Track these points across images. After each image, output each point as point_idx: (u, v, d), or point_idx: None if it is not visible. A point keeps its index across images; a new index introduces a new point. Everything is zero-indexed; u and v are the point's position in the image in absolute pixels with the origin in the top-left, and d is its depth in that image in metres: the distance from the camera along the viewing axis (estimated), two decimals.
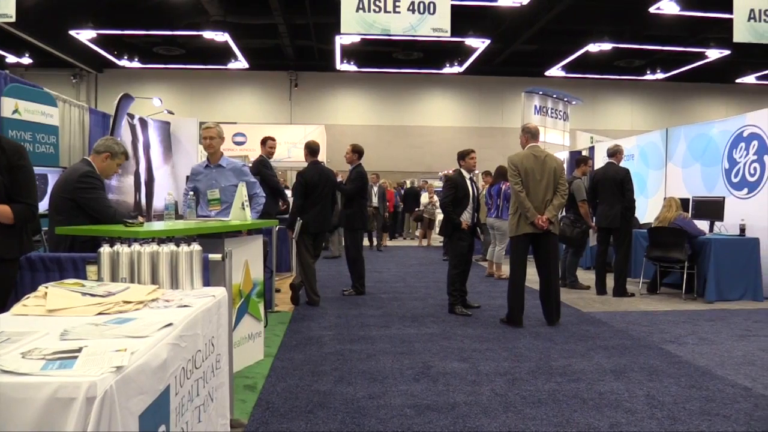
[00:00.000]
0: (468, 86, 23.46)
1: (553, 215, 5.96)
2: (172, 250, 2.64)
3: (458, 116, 23.86)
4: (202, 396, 2.27)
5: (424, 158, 23.08)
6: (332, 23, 14.58)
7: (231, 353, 2.87)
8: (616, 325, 6.14)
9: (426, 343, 5.30)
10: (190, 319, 2.13)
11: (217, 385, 2.52)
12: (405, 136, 23.37)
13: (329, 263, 11.46)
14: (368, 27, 9.18)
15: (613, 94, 24.04)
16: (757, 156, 8.17)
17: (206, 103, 22.56)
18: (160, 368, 1.76)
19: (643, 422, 3.46)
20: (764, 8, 9.67)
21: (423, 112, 23.70)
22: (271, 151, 7.72)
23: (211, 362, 2.43)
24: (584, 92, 20.90)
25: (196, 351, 2.17)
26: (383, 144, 22.83)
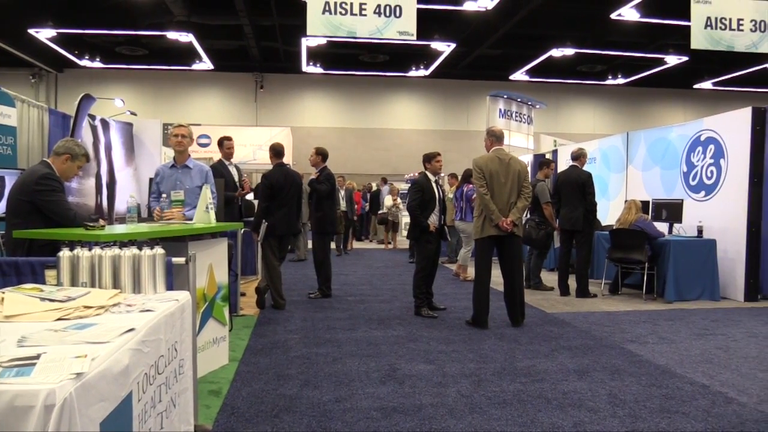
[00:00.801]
0: (434, 89, 23.60)
1: (517, 217, 6.02)
2: (134, 254, 2.59)
3: (424, 119, 23.98)
4: (164, 402, 2.23)
5: (389, 161, 23.13)
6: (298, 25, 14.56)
7: (195, 358, 2.83)
8: (579, 325, 6.24)
9: (392, 345, 5.31)
10: (153, 323, 2.10)
11: (180, 390, 2.48)
12: (371, 139, 23.40)
13: (295, 266, 11.40)
14: (334, 29, 9.19)
15: (575, 98, 24.45)
16: (713, 160, 8.40)
17: (170, 104, 22.25)
18: (121, 374, 1.73)
19: (606, 421, 3.52)
20: (720, 16, 9.97)
21: (389, 115, 23.76)
22: (229, 152, 7.58)
23: (174, 367, 2.39)
24: (548, 96, 21.21)
25: (158, 356, 2.14)
26: (349, 146, 22.82)
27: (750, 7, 10.16)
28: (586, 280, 8.04)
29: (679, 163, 9.07)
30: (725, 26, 10.04)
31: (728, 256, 8.01)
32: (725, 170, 8.18)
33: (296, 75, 22.32)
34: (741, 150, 7.94)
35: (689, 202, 8.55)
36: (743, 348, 5.33)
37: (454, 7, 14.32)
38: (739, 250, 7.88)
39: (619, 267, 8.27)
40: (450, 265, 11.60)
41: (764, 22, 10.14)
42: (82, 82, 20.96)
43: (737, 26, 10.07)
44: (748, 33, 10.12)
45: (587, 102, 24.69)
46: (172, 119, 14.64)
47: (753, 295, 7.83)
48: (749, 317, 6.79)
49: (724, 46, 10.13)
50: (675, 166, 9.15)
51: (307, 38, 16.59)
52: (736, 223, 7.93)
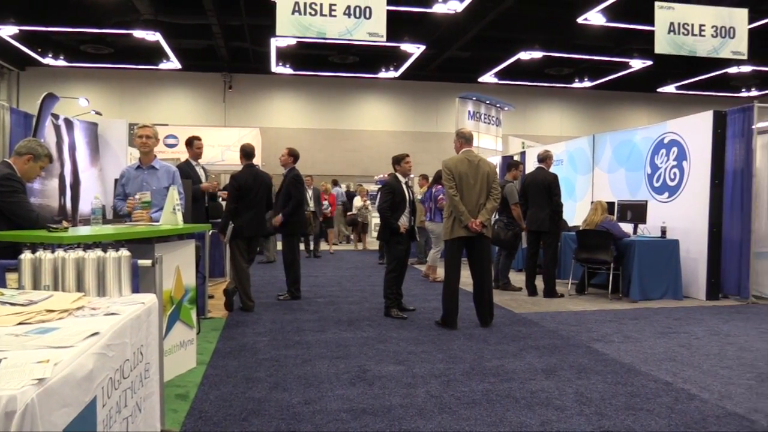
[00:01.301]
0: (403, 91, 23.67)
1: (486, 219, 6.08)
2: (98, 256, 2.55)
3: (393, 121, 24.04)
4: (130, 407, 2.20)
5: (359, 162, 23.13)
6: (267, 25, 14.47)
7: (161, 362, 2.80)
8: (547, 325, 6.32)
9: (362, 346, 5.31)
10: (118, 327, 2.06)
11: (146, 395, 2.45)
12: (340, 140, 23.36)
13: (264, 268, 11.32)
14: (304, 30, 9.15)
15: (543, 100, 24.77)
16: (676, 162, 8.58)
17: (136, 104, 21.92)
18: (85, 379, 1.70)
19: (573, 419, 3.57)
20: (683, 22, 10.20)
21: (358, 116, 23.76)
22: (198, 152, 7.49)
23: (140, 371, 2.36)
24: (516, 99, 21.43)
25: (124, 360, 2.10)
26: (318, 147, 22.76)
27: (711, 14, 10.42)
28: (554, 281, 8.15)
29: (644, 165, 9.25)
30: (688, 32, 10.28)
31: (691, 256, 8.19)
32: (688, 172, 8.36)
33: (265, 75, 22.18)
34: (702, 152, 8.13)
35: (653, 203, 8.72)
36: (705, 346, 5.46)
37: (423, 9, 14.39)
38: (701, 250, 8.07)
39: (586, 267, 8.39)
40: (419, 266, 11.65)
41: (725, 28, 10.40)
42: (45, 80, 20.51)
43: (699, 32, 10.32)
44: (709, 38, 10.37)
45: (554, 105, 25.03)
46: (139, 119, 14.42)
47: (714, 294, 8.02)
48: (711, 315, 6.96)
49: (687, 51, 10.37)
50: (639, 168, 9.33)
51: (276, 38, 16.50)
52: (698, 223, 8.12)
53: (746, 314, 7.06)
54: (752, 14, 11.48)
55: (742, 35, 10.48)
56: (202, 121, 21.94)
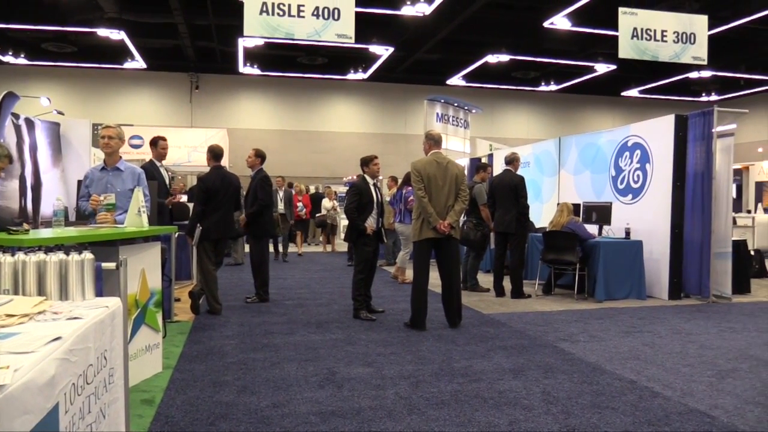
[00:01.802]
0: (372, 93, 23.68)
1: (454, 220, 6.12)
2: (61, 259, 2.49)
3: (362, 122, 24.03)
4: (94, 413, 2.15)
5: (328, 164, 23.06)
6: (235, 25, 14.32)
7: (126, 367, 2.75)
8: (514, 325, 6.38)
9: (331, 349, 5.29)
10: (81, 331, 2.02)
11: (110, 400, 2.40)
12: (309, 141, 23.26)
13: (232, 270, 11.21)
14: (272, 31, 9.09)
15: (510, 103, 25.01)
16: (639, 164, 8.76)
17: (100, 103, 21.49)
18: (47, 385, 1.66)
19: (540, 418, 3.61)
20: (646, 27, 10.42)
21: (327, 118, 23.68)
22: (162, 152, 7.36)
23: (104, 377, 2.31)
24: (484, 101, 21.62)
25: (87, 365, 2.06)
26: (287, 149, 22.61)
27: (673, 20, 10.66)
28: (521, 282, 8.24)
29: (608, 167, 9.41)
30: (650, 37, 10.50)
31: (653, 257, 8.36)
32: (650, 174, 8.54)
33: (233, 76, 21.96)
34: (665, 155, 8.31)
35: (617, 205, 8.88)
36: (668, 344, 5.57)
37: (392, 11, 14.41)
38: (664, 250, 8.24)
39: (552, 268, 8.50)
40: (388, 267, 11.66)
41: (686, 33, 10.66)
42: (4, 79, 19.96)
43: (661, 37, 10.55)
44: (671, 44, 10.61)
45: (521, 107, 25.30)
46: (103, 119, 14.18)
47: (676, 294, 8.20)
48: (673, 315, 7.11)
49: (650, 56, 10.59)
50: (604, 171, 9.49)
51: (244, 39, 16.35)
52: (660, 225, 8.29)
53: (707, 313, 7.23)
54: (712, 21, 11.78)
55: (702, 41, 10.74)
56: (169, 121, 21.63)
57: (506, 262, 8.47)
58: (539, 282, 8.73)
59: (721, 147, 8.09)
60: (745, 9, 14.30)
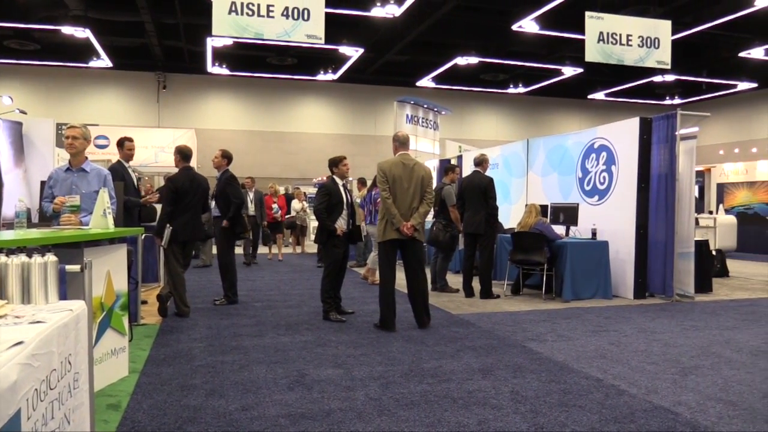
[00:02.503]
0: (342, 94, 23.65)
1: (418, 222, 6.12)
2: (23, 262, 2.44)
3: (332, 123, 23.98)
4: (57, 419, 2.11)
5: (297, 165, 22.96)
6: (203, 25, 14.20)
7: (91, 371, 2.70)
8: (483, 325, 6.43)
9: (300, 351, 5.27)
10: (44, 336, 1.98)
11: (74, 406, 2.36)
12: (278, 142, 23.13)
13: (200, 272, 11.09)
14: (241, 30, 9.02)
15: (479, 105, 25.22)
16: (606, 166, 8.91)
17: (64, 103, 21.07)
18: (9, 391, 1.62)
19: (508, 417, 3.65)
20: (611, 32, 10.59)
21: (297, 119, 23.58)
22: (129, 153, 7.29)
23: (69, 382, 2.27)
24: (453, 103, 21.76)
25: (50, 370, 2.02)
26: (256, 150, 22.46)
27: (638, 25, 10.87)
28: (490, 282, 8.31)
29: (575, 169, 9.55)
30: (616, 41, 10.68)
31: (619, 257, 8.51)
32: (616, 176, 8.69)
33: (201, 76, 21.73)
34: (630, 157, 8.46)
35: (584, 206, 9.02)
36: (633, 343, 5.68)
37: (362, 13, 14.42)
38: (629, 251, 8.39)
39: (521, 268, 8.59)
40: (358, 268, 11.66)
41: (650, 38, 10.87)
42: None
43: (626, 41, 10.74)
44: (636, 48, 10.81)
45: (490, 109, 25.52)
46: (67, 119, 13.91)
47: (641, 293, 8.36)
48: (638, 314, 7.24)
49: (615, 59, 10.78)
50: (571, 172, 9.63)
51: (212, 38, 16.20)
52: (626, 225, 8.44)
53: (670, 312, 7.38)
54: (675, 26, 12.04)
55: (666, 46, 10.97)
56: (135, 121, 21.30)
57: (475, 262, 8.54)
58: (508, 282, 8.82)
59: (684, 149, 8.27)
60: (707, 15, 14.67)
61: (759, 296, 8.82)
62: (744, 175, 18.24)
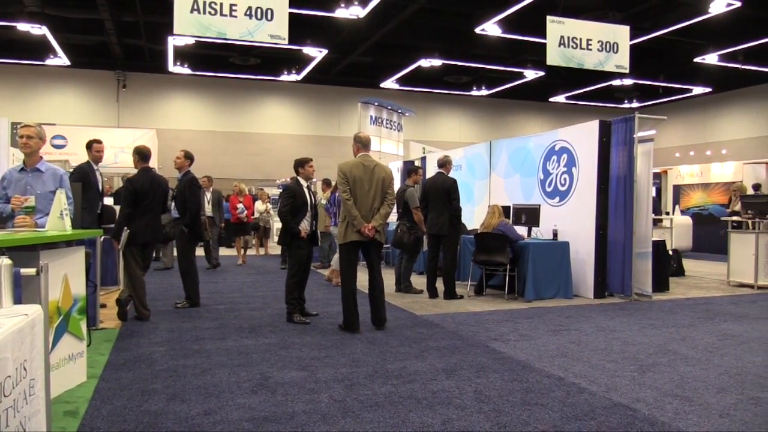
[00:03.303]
0: (306, 94, 23.55)
1: (379, 224, 6.13)
2: None
3: (296, 124, 23.85)
4: (12, 427, 2.05)
5: (260, 166, 22.77)
6: (164, 23, 13.98)
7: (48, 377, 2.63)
8: (447, 326, 6.48)
9: (264, 353, 5.23)
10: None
11: (30, 413, 2.30)
12: (241, 143, 22.90)
13: (161, 275, 10.91)
14: (203, 30, 8.90)
15: (443, 107, 25.38)
16: (566, 168, 9.05)
17: (20, 101, 20.50)
18: None
19: (472, 416, 3.68)
20: (572, 36, 10.77)
21: (260, 119, 23.39)
22: (98, 155, 7.25)
23: (24, 388, 2.21)
24: (417, 105, 21.86)
25: (5, 377, 1.97)
26: (219, 150, 22.22)
27: (597, 29, 11.08)
28: (453, 283, 8.37)
29: (537, 170, 9.69)
30: (576, 45, 10.86)
31: (579, 257, 8.66)
32: (576, 178, 8.84)
33: (162, 75, 21.40)
34: (590, 159, 8.62)
35: (546, 207, 9.15)
36: (593, 341, 5.78)
37: (326, 13, 14.38)
38: (589, 251, 8.55)
39: (484, 269, 8.67)
40: (322, 270, 11.61)
41: (609, 43, 11.09)
42: None
43: (586, 46, 10.94)
44: (595, 52, 11.02)
45: (454, 111, 25.71)
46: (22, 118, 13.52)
47: (601, 293, 8.52)
48: (598, 313, 7.38)
49: (576, 63, 10.97)
50: (533, 174, 9.76)
51: (174, 37, 15.96)
52: (586, 226, 8.59)
53: (629, 311, 7.54)
54: (633, 31, 12.32)
55: (624, 50, 11.20)
56: (94, 121, 20.84)
57: (439, 263, 8.59)
58: (471, 283, 8.89)
59: (641, 151, 8.46)
60: (664, 21, 15.04)
61: (713, 294, 9.08)
62: (699, 177, 18.75)
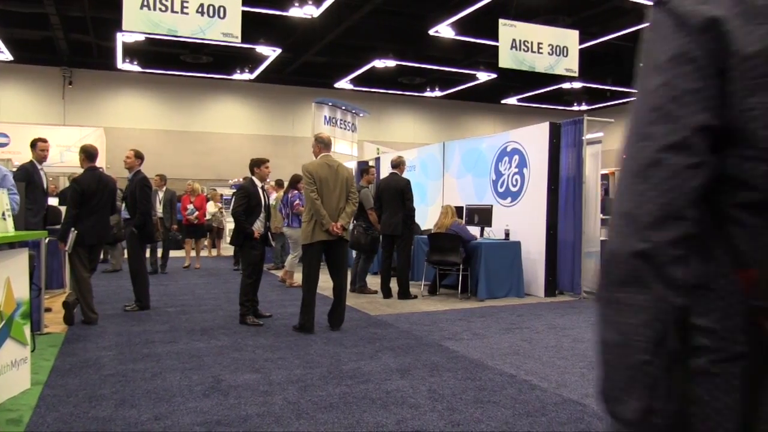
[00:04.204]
0: (259, 94, 23.29)
1: (346, 222, 6.20)
2: None
3: (249, 124, 23.57)
4: None
5: (213, 165, 22.41)
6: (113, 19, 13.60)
7: None
8: (401, 326, 6.51)
9: (216, 356, 5.16)
10: None
11: None
12: (193, 142, 22.49)
13: (109, 277, 10.63)
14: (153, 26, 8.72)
15: (397, 108, 25.47)
16: (518, 169, 9.21)
17: None
18: None
19: (426, 415, 3.71)
20: (524, 39, 10.97)
21: (212, 118, 23.01)
22: (42, 154, 7.04)
23: None
24: (371, 105, 21.87)
25: None
26: (169, 150, 21.75)
27: (548, 33, 11.31)
28: (407, 283, 8.42)
29: (489, 171, 9.82)
30: (528, 48, 11.07)
31: (531, 257, 8.82)
32: (528, 178, 9.00)
33: (111, 72, 20.81)
34: (540, 160, 8.79)
35: (498, 208, 9.29)
36: (544, 339, 5.90)
37: (279, 12, 14.26)
38: (540, 251, 8.71)
39: (437, 269, 8.75)
40: (275, 271, 11.52)
41: (559, 47, 11.34)
42: None
43: (537, 49, 11.15)
44: (546, 56, 11.25)
45: (408, 112, 25.83)
46: None
47: (552, 291, 8.70)
48: (549, 311, 7.54)
49: (527, 66, 11.17)
50: (485, 174, 9.90)
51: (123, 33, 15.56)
52: (537, 226, 8.76)
53: (579, 308, 7.73)
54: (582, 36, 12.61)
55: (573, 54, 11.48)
56: (38, 118, 20.11)
57: (393, 263, 8.62)
58: (425, 283, 8.96)
59: (590, 153, 8.68)
60: (612, 26, 15.45)
61: None
62: None
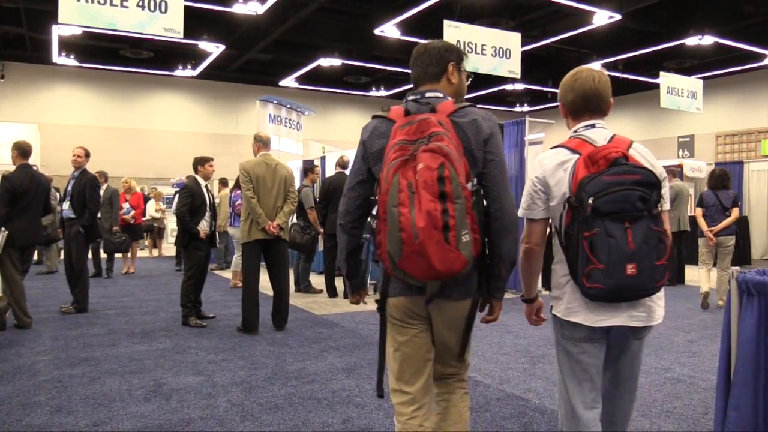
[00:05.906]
0: (202, 91, 22.87)
1: (283, 221, 6.15)
2: None
3: (192, 121, 23.10)
4: None
5: (153, 163, 21.87)
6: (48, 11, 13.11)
7: None
8: (347, 325, 6.52)
9: (158, 359, 5.05)
10: None
11: None
12: (132, 140, 21.88)
13: (43, 279, 10.25)
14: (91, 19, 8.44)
15: (343, 107, 25.46)
16: None
17: None
18: None
19: (372, 414, 3.73)
20: (468, 40, 11.11)
21: (153, 115, 22.45)
22: None
23: None
24: (316, 103, 21.77)
25: None
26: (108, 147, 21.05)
27: (491, 35, 11.49)
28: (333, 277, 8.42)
29: None
30: (472, 50, 11.20)
31: None
32: None
33: (46, 66, 20.03)
34: None
35: None
36: (487, 336, 6.01)
37: (223, 8, 14.04)
38: None
39: None
40: (219, 272, 11.36)
41: (502, 49, 11.53)
42: None
43: (481, 51, 11.31)
44: (489, 57, 11.42)
45: (353, 111, 25.84)
46: None
47: None
48: None
49: (471, 67, 11.25)
50: None
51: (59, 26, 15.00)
52: None
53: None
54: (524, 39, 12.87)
55: (516, 57, 11.69)
56: None
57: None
58: (371, 282, 8.96)
59: (532, 153, 8.87)
60: (552, 30, 15.86)
61: None
62: None
